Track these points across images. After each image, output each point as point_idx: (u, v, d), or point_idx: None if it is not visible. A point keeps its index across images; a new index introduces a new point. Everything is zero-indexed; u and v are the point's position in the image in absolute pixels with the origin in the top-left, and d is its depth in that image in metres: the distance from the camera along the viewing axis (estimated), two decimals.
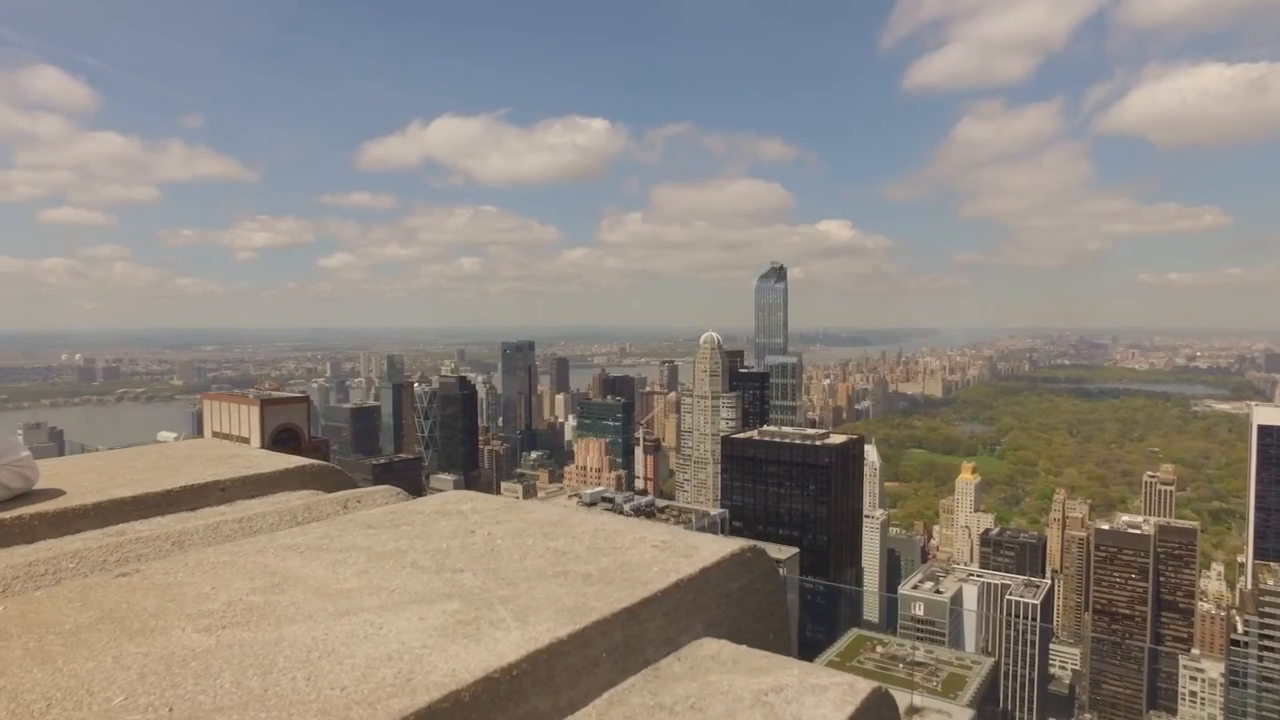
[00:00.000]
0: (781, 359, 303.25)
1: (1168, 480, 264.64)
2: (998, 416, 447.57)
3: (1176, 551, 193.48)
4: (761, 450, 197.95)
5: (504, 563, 3.53)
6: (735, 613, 3.64)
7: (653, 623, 3.12)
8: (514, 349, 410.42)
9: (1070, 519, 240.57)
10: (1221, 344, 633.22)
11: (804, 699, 2.68)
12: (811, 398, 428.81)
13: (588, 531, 4.04)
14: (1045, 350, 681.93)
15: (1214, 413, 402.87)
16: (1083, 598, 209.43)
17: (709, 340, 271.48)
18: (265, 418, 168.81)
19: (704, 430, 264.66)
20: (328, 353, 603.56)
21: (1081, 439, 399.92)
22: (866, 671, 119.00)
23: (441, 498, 4.86)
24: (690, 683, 2.84)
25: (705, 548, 3.78)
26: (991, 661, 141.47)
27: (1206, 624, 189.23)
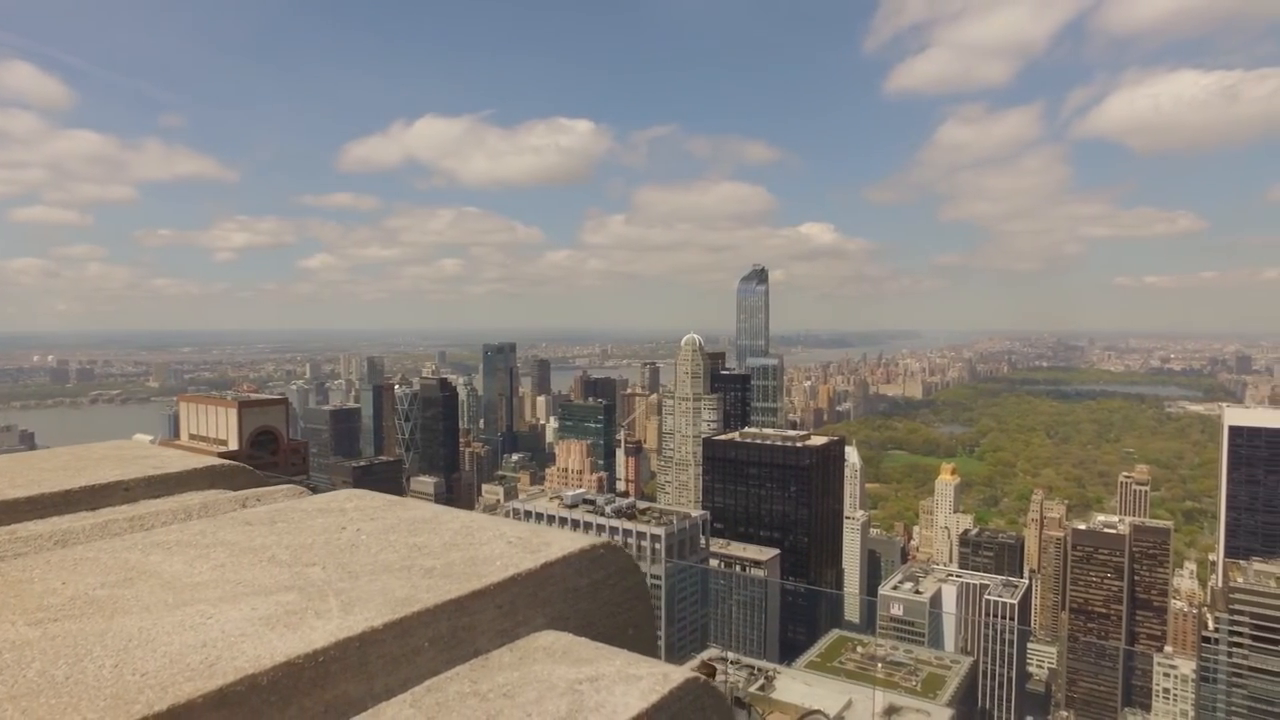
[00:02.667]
0: (763, 361, 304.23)
1: (1142, 481, 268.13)
2: (977, 418, 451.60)
3: (1151, 551, 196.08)
4: (743, 452, 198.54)
5: (358, 557, 3.64)
6: (586, 607, 3.71)
7: (485, 614, 3.23)
8: (495, 351, 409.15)
9: (1048, 519, 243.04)
10: (1195, 346, 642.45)
11: (615, 688, 2.80)
12: (793, 399, 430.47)
13: (454, 529, 4.12)
14: (1024, 352, 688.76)
15: (1187, 414, 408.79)
16: (1059, 597, 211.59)
17: (690, 342, 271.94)
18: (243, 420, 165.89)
19: (685, 432, 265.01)
20: (307, 354, 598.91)
21: (1059, 440, 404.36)
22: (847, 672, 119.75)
23: (330, 496, 4.94)
24: (513, 672, 2.94)
25: (556, 543, 3.85)
26: (970, 661, 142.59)
27: (1179, 622, 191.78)
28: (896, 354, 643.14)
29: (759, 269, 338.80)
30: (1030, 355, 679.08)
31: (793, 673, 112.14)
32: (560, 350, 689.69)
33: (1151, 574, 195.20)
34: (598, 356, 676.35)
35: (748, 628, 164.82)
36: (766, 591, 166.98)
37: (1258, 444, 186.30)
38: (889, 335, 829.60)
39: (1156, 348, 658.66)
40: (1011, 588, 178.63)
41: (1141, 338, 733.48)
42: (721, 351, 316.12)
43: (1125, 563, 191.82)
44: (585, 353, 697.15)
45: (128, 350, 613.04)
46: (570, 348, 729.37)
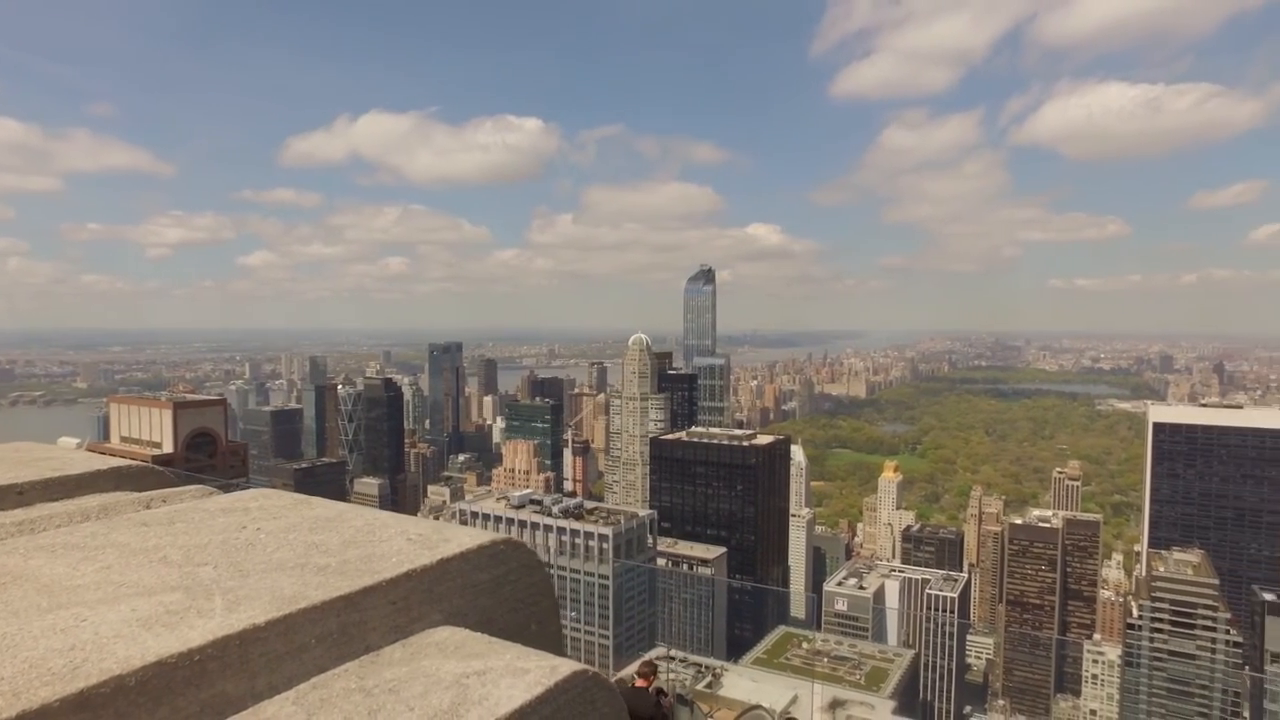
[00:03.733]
0: (710, 360, 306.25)
1: (1074, 476, 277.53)
2: (919, 416, 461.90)
3: (1082, 543, 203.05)
4: (690, 451, 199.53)
5: (253, 556, 3.65)
6: (486, 602, 3.77)
7: (377, 610, 3.28)
8: (441, 350, 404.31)
9: (986, 515, 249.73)
10: (1122, 346, 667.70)
11: (501, 681, 2.88)
12: (739, 399, 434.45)
13: (357, 527, 4.16)
14: (964, 352, 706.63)
15: (1115, 411, 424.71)
16: (997, 590, 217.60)
17: (638, 342, 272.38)
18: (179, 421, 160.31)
19: (633, 431, 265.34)
20: (247, 354, 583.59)
21: (997, 437, 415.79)
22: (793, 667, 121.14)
23: (236, 495, 4.89)
24: (402, 667, 2.98)
25: (456, 540, 3.90)
26: (912, 654, 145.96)
27: (1107, 610, 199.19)
28: (841, 354, 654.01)
29: (706, 269, 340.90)
30: (970, 355, 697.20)
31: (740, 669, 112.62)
32: (507, 350, 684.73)
33: (1082, 565, 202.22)
34: (545, 356, 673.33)
35: (695, 626, 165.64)
36: (713, 589, 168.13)
37: (1179, 440, 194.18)
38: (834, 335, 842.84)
39: (1087, 348, 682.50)
40: (952, 582, 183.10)
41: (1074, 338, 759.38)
42: (669, 351, 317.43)
43: (1058, 555, 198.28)
44: (532, 352, 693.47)
45: (53, 350, 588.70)
46: (517, 347, 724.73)
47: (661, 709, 13.68)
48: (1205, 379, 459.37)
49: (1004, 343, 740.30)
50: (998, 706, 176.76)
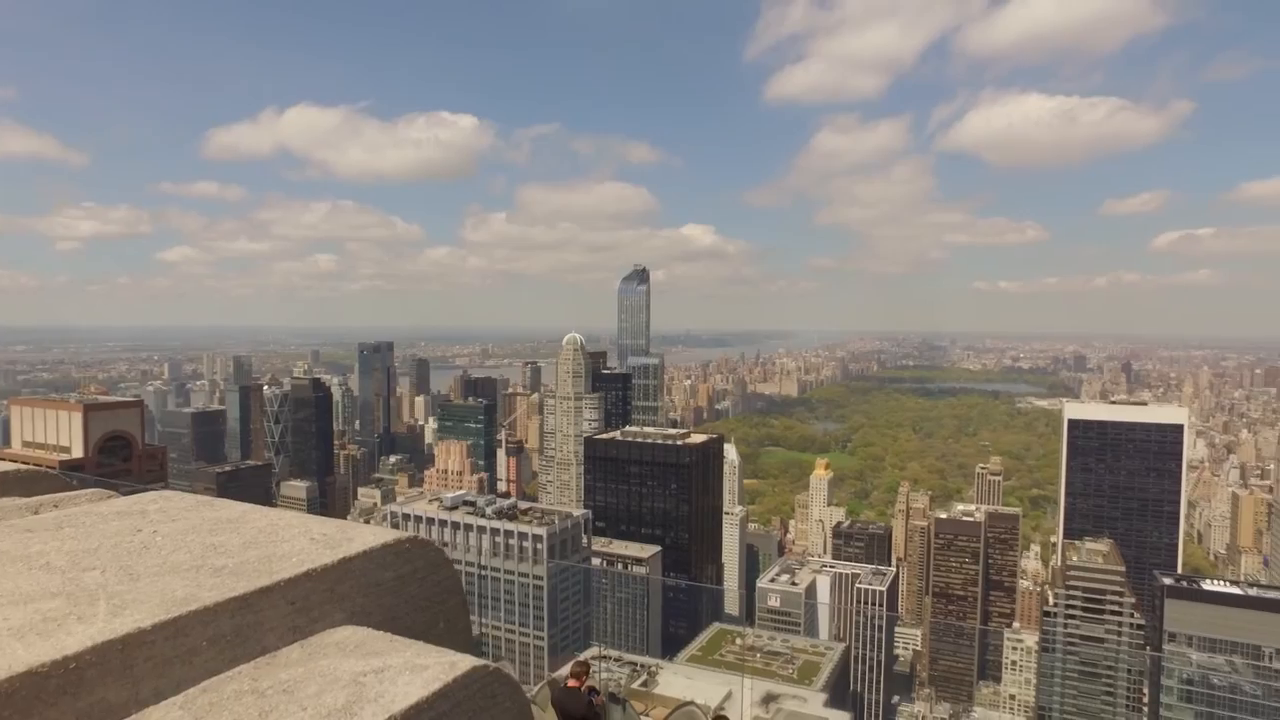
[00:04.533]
0: (644, 360, 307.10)
1: (996, 471, 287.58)
2: (849, 415, 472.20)
3: (1002, 536, 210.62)
4: (624, 450, 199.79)
5: (146, 559, 3.56)
6: (391, 601, 3.75)
7: (274, 611, 3.25)
8: (372, 350, 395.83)
9: (913, 510, 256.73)
10: (1040, 346, 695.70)
11: (399, 678, 2.90)
12: (673, 398, 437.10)
13: (260, 527, 4.13)
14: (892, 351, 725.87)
15: (1034, 409, 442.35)
16: (924, 582, 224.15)
17: (572, 341, 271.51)
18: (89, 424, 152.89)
19: (567, 431, 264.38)
20: (166, 353, 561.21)
21: (923, 435, 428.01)
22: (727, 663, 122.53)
23: (136, 498, 4.71)
24: (299, 668, 2.97)
25: (360, 539, 3.89)
26: (843, 647, 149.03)
27: (1026, 599, 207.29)
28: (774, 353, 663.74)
29: (640, 269, 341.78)
30: (898, 354, 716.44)
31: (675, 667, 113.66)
32: (440, 349, 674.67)
33: (1003, 557, 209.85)
34: (478, 356, 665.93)
35: (630, 624, 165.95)
36: (648, 588, 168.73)
37: (1091, 435, 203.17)
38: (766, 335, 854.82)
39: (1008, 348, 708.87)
40: (880, 576, 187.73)
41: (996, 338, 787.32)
42: (603, 351, 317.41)
43: (981, 548, 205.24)
44: (465, 352, 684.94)
45: None
46: (450, 347, 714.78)
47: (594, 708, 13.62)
48: (1115, 377, 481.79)
49: (930, 343, 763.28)
50: (924, 695, 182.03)
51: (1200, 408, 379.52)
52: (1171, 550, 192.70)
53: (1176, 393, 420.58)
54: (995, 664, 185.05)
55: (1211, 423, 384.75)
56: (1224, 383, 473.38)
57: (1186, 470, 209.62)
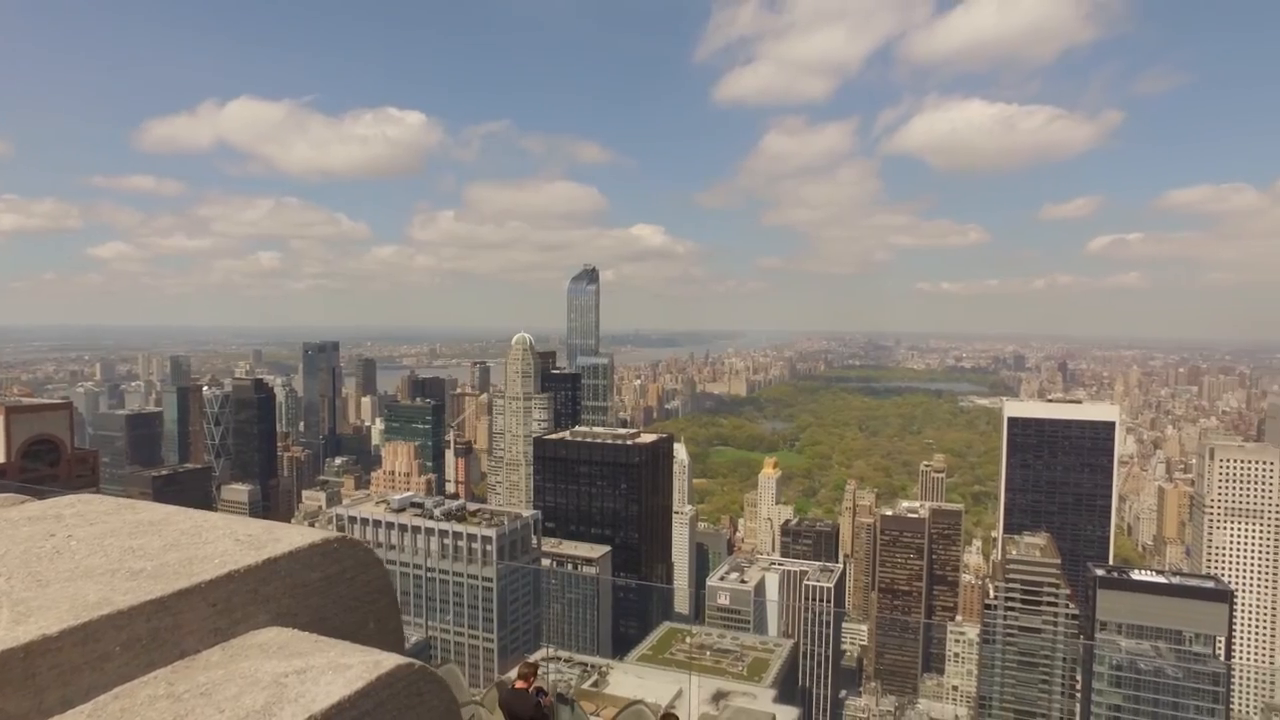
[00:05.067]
0: (593, 360, 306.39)
1: (940, 469, 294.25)
2: (797, 414, 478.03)
3: (946, 531, 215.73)
4: (573, 451, 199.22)
5: (57, 565, 3.46)
6: (318, 602, 3.70)
7: (194, 614, 3.19)
8: (317, 350, 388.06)
9: (860, 507, 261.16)
10: (981, 346, 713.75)
11: (321, 678, 2.86)
12: (623, 398, 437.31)
13: (182, 530, 4.07)
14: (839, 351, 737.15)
15: (976, 407, 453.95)
16: (870, 578, 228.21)
17: (521, 341, 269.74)
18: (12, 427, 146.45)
19: (516, 432, 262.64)
20: (98, 353, 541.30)
21: (869, 433, 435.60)
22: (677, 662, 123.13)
23: (51, 502, 4.56)
24: (218, 670, 2.91)
25: (286, 539, 3.84)
26: (791, 643, 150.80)
27: (968, 593, 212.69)
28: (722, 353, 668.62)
29: (590, 269, 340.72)
30: (845, 354, 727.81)
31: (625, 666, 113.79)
32: (387, 349, 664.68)
33: (946, 552, 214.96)
34: (426, 356, 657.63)
35: (580, 625, 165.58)
36: (598, 588, 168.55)
37: (1029, 433, 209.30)
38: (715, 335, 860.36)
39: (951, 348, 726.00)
40: (828, 572, 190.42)
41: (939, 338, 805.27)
42: (552, 351, 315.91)
43: (925, 544, 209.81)
44: (413, 352, 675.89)
45: None
46: (397, 347, 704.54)
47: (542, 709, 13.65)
48: (1051, 376, 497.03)
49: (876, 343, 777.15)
50: (870, 688, 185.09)
51: (1130, 405, 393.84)
52: (1104, 542, 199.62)
53: (1108, 391, 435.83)
54: (939, 656, 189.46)
55: (1140, 420, 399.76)
56: (1151, 381, 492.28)
57: (1117, 466, 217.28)
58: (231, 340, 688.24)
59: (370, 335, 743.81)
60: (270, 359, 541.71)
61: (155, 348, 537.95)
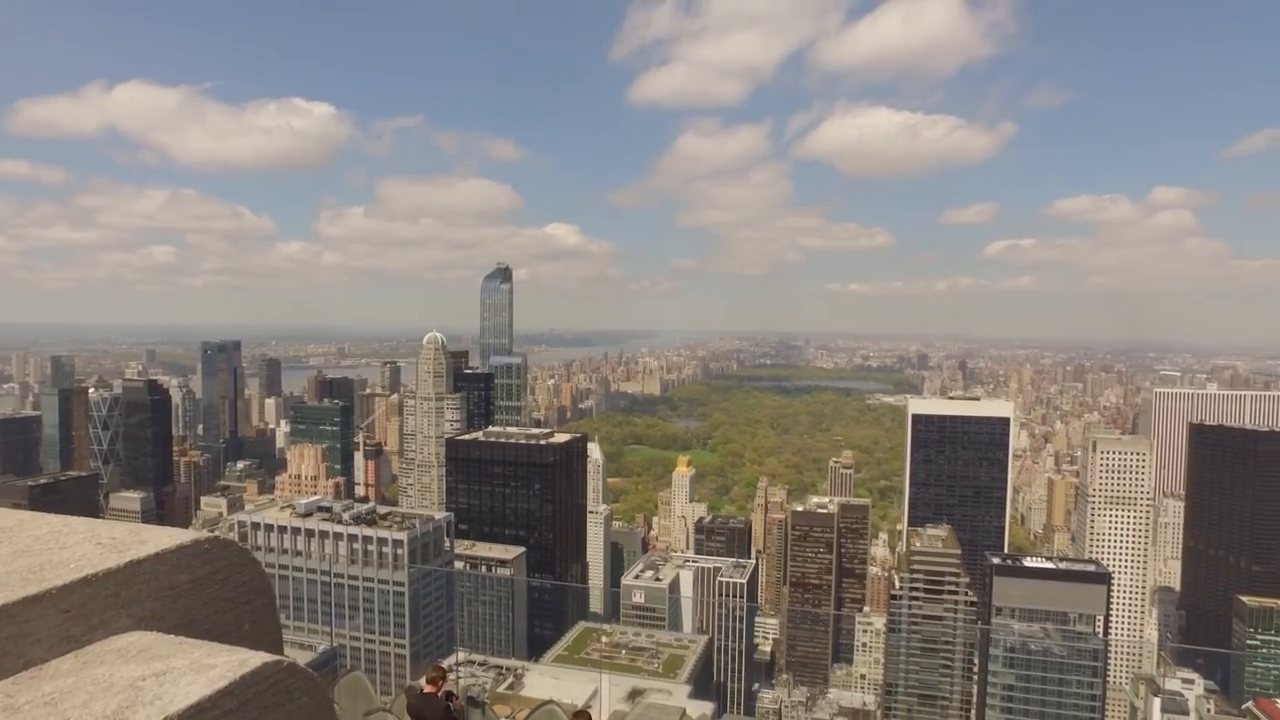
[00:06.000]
0: (506, 359, 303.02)
1: (848, 465, 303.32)
2: (710, 412, 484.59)
3: (854, 526, 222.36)
4: (487, 451, 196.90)
5: None
6: (187, 604, 3.58)
7: (42, 621, 3.05)
8: (217, 349, 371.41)
9: (771, 504, 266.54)
10: (887, 346, 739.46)
11: (181, 679, 2.77)
12: (536, 398, 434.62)
13: (37, 535, 3.96)
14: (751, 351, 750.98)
15: (882, 405, 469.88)
16: (782, 573, 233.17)
17: (433, 340, 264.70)
18: None
19: (428, 432, 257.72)
20: None
21: (780, 431, 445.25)
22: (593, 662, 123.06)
23: None
24: (69, 679, 2.79)
25: (153, 540, 3.71)
26: (706, 639, 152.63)
27: (875, 585, 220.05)
28: (636, 352, 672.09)
29: (503, 267, 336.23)
30: (756, 354, 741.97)
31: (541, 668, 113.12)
32: (292, 349, 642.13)
33: (854, 546, 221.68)
34: (334, 355, 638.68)
35: (495, 627, 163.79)
36: (513, 590, 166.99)
37: (932, 429, 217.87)
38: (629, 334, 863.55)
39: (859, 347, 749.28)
40: (741, 569, 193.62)
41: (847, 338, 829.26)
42: (465, 350, 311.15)
43: (834, 538, 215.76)
44: (320, 351, 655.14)
45: None
46: (304, 346, 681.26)
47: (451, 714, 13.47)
48: (952, 375, 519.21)
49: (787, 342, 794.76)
50: (782, 680, 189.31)
51: (1023, 402, 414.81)
52: (1000, 532, 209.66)
53: (1004, 389, 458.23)
54: (848, 647, 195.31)
55: (1032, 415, 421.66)
56: (1042, 379, 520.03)
57: (1012, 459, 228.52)
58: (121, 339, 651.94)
59: (275, 334, 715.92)
60: (165, 359, 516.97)
61: (34, 347, 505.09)
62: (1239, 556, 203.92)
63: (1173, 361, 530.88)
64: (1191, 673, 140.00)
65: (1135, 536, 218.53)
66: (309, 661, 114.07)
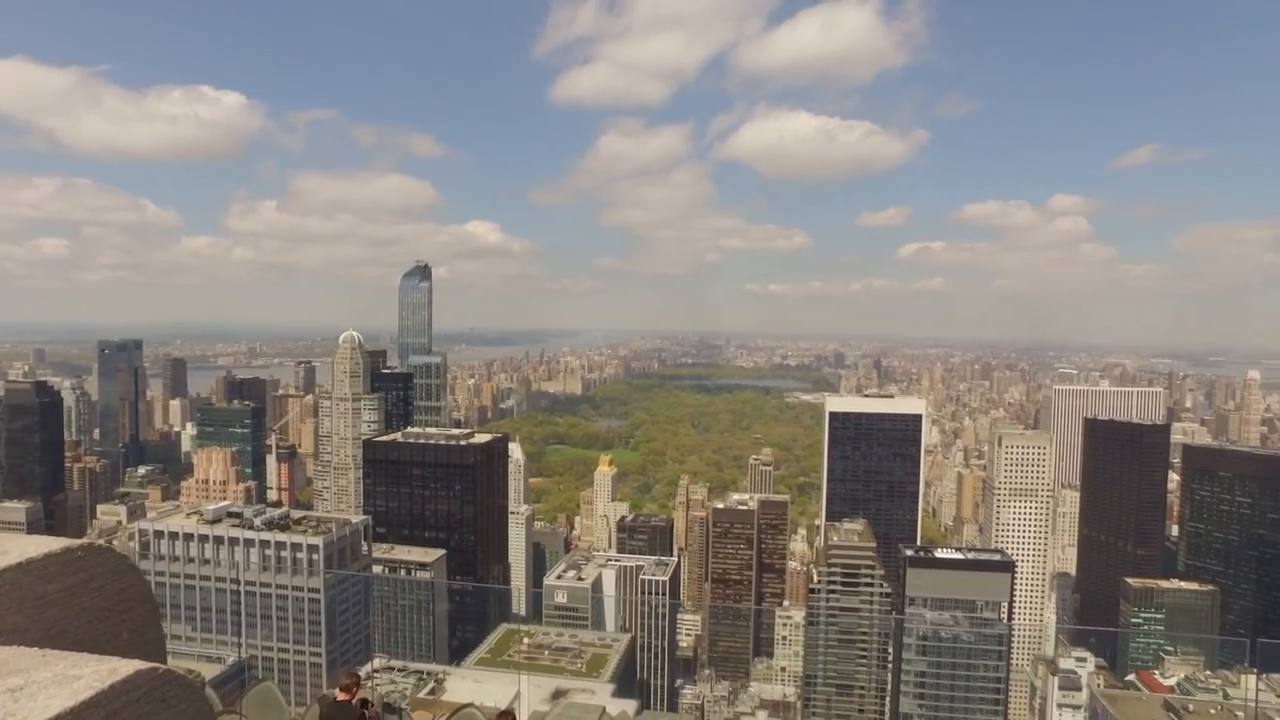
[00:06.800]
0: (426, 359, 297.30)
1: (767, 462, 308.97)
2: (632, 411, 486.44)
3: (774, 521, 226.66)
4: (405, 452, 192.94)
5: None
6: (56, 615, 3.40)
7: None
8: (115, 349, 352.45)
9: (693, 501, 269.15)
10: (806, 345, 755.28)
11: (42, 693, 2.66)
12: (457, 398, 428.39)
13: None
14: (672, 350, 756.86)
15: (801, 403, 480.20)
16: (703, 569, 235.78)
17: (349, 339, 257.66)
18: None
19: (345, 434, 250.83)
20: None
21: (702, 429, 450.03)
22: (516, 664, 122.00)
23: None
24: None
25: (16, 550, 3.56)
26: (629, 637, 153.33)
27: (794, 579, 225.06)
28: (558, 352, 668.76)
29: (423, 265, 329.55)
30: (678, 353, 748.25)
31: (463, 671, 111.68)
32: (199, 348, 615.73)
33: (774, 541, 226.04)
34: (245, 355, 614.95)
35: (416, 632, 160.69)
36: (433, 593, 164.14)
37: (848, 426, 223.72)
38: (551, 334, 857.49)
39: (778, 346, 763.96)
40: (663, 566, 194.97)
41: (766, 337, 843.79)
42: (383, 349, 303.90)
43: (754, 534, 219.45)
44: (230, 351, 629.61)
45: None
46: (212, 345, 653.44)
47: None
48: (868, 373, 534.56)
49: (708, 341, 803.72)
50: (705, 676, 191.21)
51: (934, 399, 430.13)
52: (913, 525, 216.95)
53: (916, 386, 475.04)
54: (769, 641, 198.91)
55: (943, 412, 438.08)
56: (952, 377, 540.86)
57: (924, 454, 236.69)
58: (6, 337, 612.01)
59: (180, 333, 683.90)
60: (57, 359, 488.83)
61: None
62: (1126, 541, 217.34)
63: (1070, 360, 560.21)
64: (1085, 651, 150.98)
65: (1036, 526, 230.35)
66: (217, 675, 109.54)
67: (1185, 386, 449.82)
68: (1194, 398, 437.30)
